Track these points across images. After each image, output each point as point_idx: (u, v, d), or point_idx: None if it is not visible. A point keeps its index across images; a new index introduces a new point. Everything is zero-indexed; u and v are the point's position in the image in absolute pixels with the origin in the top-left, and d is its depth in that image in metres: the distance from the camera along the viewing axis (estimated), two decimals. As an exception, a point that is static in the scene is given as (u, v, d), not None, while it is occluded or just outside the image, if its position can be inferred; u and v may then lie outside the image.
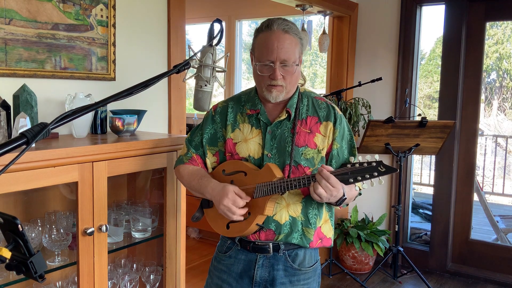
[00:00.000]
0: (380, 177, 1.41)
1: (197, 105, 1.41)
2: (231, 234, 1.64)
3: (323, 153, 1.60)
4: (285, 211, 1.59)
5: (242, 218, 1.55)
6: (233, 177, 1.62)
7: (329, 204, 1.62)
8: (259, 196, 1.54)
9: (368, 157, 1.43)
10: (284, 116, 1.60)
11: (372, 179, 1.42)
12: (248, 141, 1.63)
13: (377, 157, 1.43)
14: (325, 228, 1.67)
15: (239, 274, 1.66)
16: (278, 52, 1.51)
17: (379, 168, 1.40)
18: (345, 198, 1.49)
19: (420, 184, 7.07)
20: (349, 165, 1.43)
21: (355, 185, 1.49)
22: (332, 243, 1.72)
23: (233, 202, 1.52)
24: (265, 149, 1.60)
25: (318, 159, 1.59)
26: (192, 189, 1.71)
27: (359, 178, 1.41)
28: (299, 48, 1.57)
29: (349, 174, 1.42)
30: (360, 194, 1.66)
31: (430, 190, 5.85)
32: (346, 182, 1.43)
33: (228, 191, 1.53)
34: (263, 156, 1.60)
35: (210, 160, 1.71)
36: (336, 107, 1.65)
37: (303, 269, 1.64)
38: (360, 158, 1.53)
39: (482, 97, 6.66)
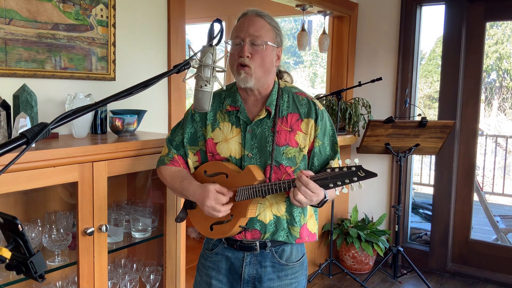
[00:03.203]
0: (359, 182, 1.41)
1: (197, 105, 1.41)
2: (215, 236, 1.63)
3: (305, 151, 1.59)
4: (269, 211, 1.59)
5: (228, 213, 1.54)
6: (215, 178, 1.59)
7: None
8: (241, 200, 1.53)
9: (348, 161, 1.43)
10: (264, 114, 1.58)
11: (352, 184, 1.42)
12: (228, 141, 1.61)
13: (356, 161, 1.43)
14: (310, 223, 1.67)
15: (228, 271, 1.67)
16: (248, 29, 1.53)
17: (358, 172, 1.40)
18: (327, 200, 1.50)
19: (420, 184, 7.07)
20: (328, 170, 1.43)
21: (335, 190, 1.49)
22: (317, 237, 1.72)
23: (216, 200, 1.50)
24: (245, 149, 1.58)
25: (300, 157, 1.58)
26: (175, 191, 1.69)
27: (339, 183, 1.42)
28: (272, 34, 1.56)
29: (329, 179, 1.42)
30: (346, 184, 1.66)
31: (430, 190, 5.85)
32: (326, 187, 1.43)
33: (209, 191, 1.51)
34: (244, 156, 1.59)
35: (191, 159, 1.68)
36: (318, 102, 1.62)
37: (290, 264, 1.65)
38: (338, 161, 1.53)
39: (482, 97, 6.65)
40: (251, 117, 1.61)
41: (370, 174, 1.40)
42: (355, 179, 1.40)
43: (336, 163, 1.46)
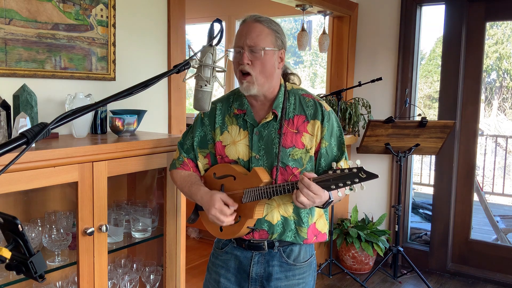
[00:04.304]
0: (361, 183, 1.42)
1: (197, 105, 1.41)
2: (224, 236, 1.67)
3: (312, 152, 1.60)
4: (276, 211, 1.60)
5: (232, 223, 1.57)
6: (223, 180, 1.62)
7: None
8: (248, 201, 1.55)
9: (350, 163, 1.44)
10: (270, 117, 1.60)
11: (353, 185, 1.43)
12: (236, 144, 1.64)
13: (358, 162, 1.43)
14: (319, 224, 1.68)
15: (236, 269, 1.69)
16: (246, 37, 1.54)
17: (360, 174, 1.40)
18: (332, 201, 1.50)
19: (420, 184, 7.07)
20: (330, 172, 1.44)
21: (338, 191, 1.50)
22: (328, 237, 1.72)
23: (220, 211, 1.53)
24: (252, 151, 1.60)
25: (306, 159, 1.59)
26: (184, 195, 1.74)
27: (341, 184, 1.42)
28: (271, 38, 1.56)
29: (331, 181, 1.43)
30: (351, 189, 1.66)
31: (430, 190, 5.85)
32: (328, 188, 1.44)
33: (215, 200, 1.54)
34: (252, 158, 1.60)
35: (201, 162, 1.72)
36: (324, 104, 1.63)
37: (298, 264, 1.66)
38: (347, 161, 1.53)
39: (482, 97, 6.65)
40: (258, 120, 1.63)
41: (371, 176, 1.40)
42: (357, 180, 1.41)
43: (338, 164, 1.46)
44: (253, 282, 1.65)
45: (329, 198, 1.49)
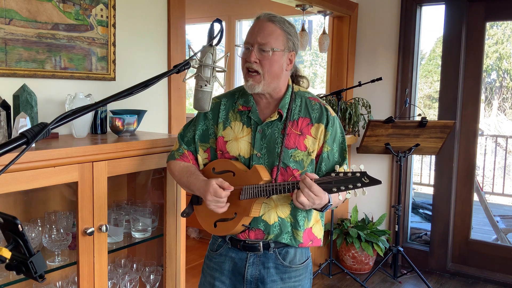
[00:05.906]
0: (363, 188, 1.41)
1: (197, 105, 1.41)
2: (218, 232, 1.65)
3: (313, 155, 1.59)
4: (273, 212, 1.59)
5: (226, 208, 1.55)
6: (222, 176, 1.61)
7: None
8: (245, 198, 1.54)
9: (353, 167, 1.43)
10: (275, 116, 1.59)
11: (355, 190, 1.42)
12: (238, 140, 1.63)
13: (362, 167, 1.43)
14: (316, 229, 1.67)
15: (231, 272, 1.67)
16: (257, 35, 1.53)
17: (363, 179, 1.39)
18: (331, 205, 1.49)
19: (420, 184, 7.07)
20: (333, 174, 1.43)
21: (339, 195, 1.48)
22: (322, 243, 1.72)
23: (215, 194, 1.50)
24: (254, 149, 1.59)
25: (307, 161, 1.58)
26: (182, 185, 1.71)
27: (343, 188, 1.41)
28: (283, 39, 1.55)
29: (333, 183, 1.42)
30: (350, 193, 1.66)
31: (430, 190, 5.85)
32: (329, 191, 1.43)
33: (210, 185, 1.52)
34: (253, 156, 1.60)
35: (201, 156, 1.70)
36: (330, 108, 1.63)
37: (294, 266, 1.65)
38: (345, 167, 1.52)
39: (482, 97, 6.66)
40: (263, 118, 1.62)
41: (374, 181, 1.39)
42: (359, 185, 1.40)
43: (341, 168, 1.45)
44: (248, 284, 1.64)
45: (329, 201, 1.48)
